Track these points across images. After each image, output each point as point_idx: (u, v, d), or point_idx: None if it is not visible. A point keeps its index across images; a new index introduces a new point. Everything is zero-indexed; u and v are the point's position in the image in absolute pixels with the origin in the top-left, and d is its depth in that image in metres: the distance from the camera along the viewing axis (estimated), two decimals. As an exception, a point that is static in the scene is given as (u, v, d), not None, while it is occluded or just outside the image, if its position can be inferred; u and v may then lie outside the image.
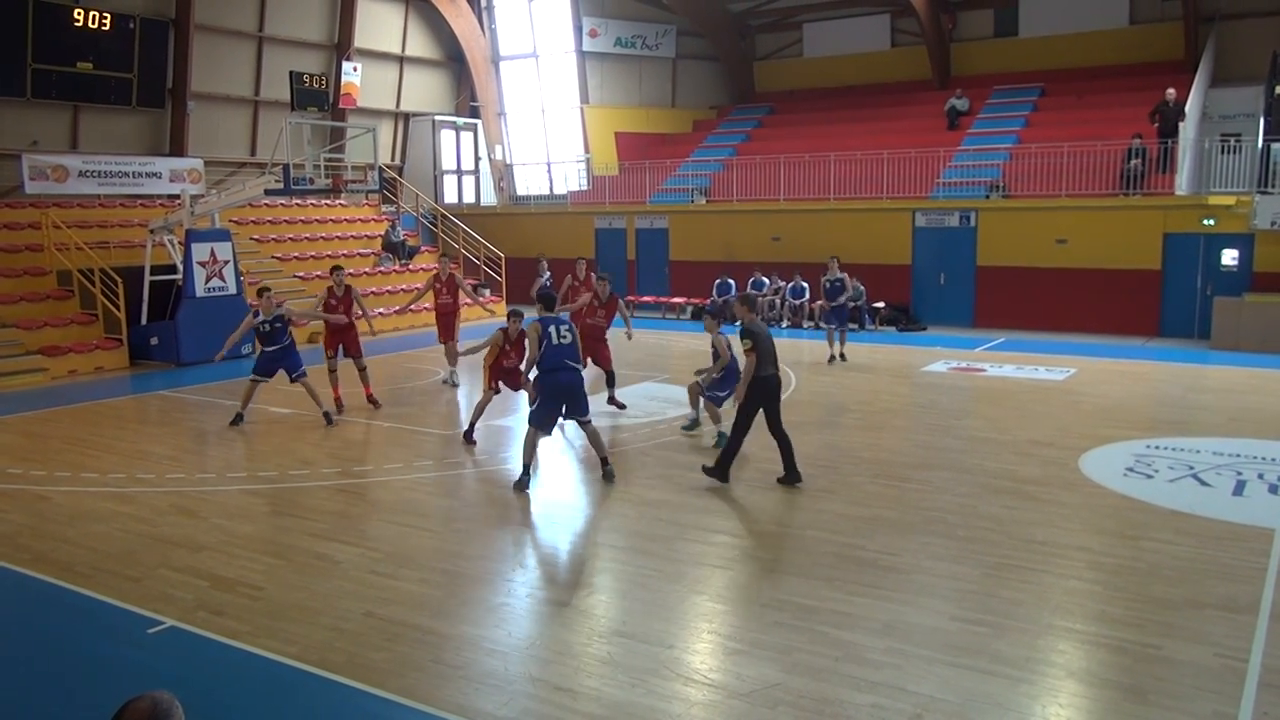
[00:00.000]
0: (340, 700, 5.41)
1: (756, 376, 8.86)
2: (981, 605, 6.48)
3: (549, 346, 9.20)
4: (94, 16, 20.79)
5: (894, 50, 27.57)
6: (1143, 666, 5.61)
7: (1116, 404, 13.17)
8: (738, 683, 5.45)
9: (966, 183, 21.91)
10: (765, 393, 9.01)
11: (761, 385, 8.95)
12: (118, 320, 17.48)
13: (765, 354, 8.89)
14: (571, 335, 9.35)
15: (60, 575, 7.28)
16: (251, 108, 24.96)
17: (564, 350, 9.25)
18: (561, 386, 9.23)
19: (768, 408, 9.10)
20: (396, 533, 8.19)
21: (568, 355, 9.26)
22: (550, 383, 9.24)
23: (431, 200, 28.18)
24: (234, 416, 12.30)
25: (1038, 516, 8.34)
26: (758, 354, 8.77)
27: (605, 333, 13.32)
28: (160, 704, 2.65)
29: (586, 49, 27.97)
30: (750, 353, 8.75)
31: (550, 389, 9.25)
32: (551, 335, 9.22)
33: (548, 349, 9.20)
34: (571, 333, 9.38)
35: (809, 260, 22.24)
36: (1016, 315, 20.73)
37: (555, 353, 9.21)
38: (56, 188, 20.09)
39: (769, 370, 8.96)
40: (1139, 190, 19.68)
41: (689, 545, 7.77)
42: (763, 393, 8.99)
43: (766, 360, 8.91)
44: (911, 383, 15.05)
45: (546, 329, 9.24)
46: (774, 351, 9.10)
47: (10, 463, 10.59)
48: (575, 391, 9.33)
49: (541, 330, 9.25)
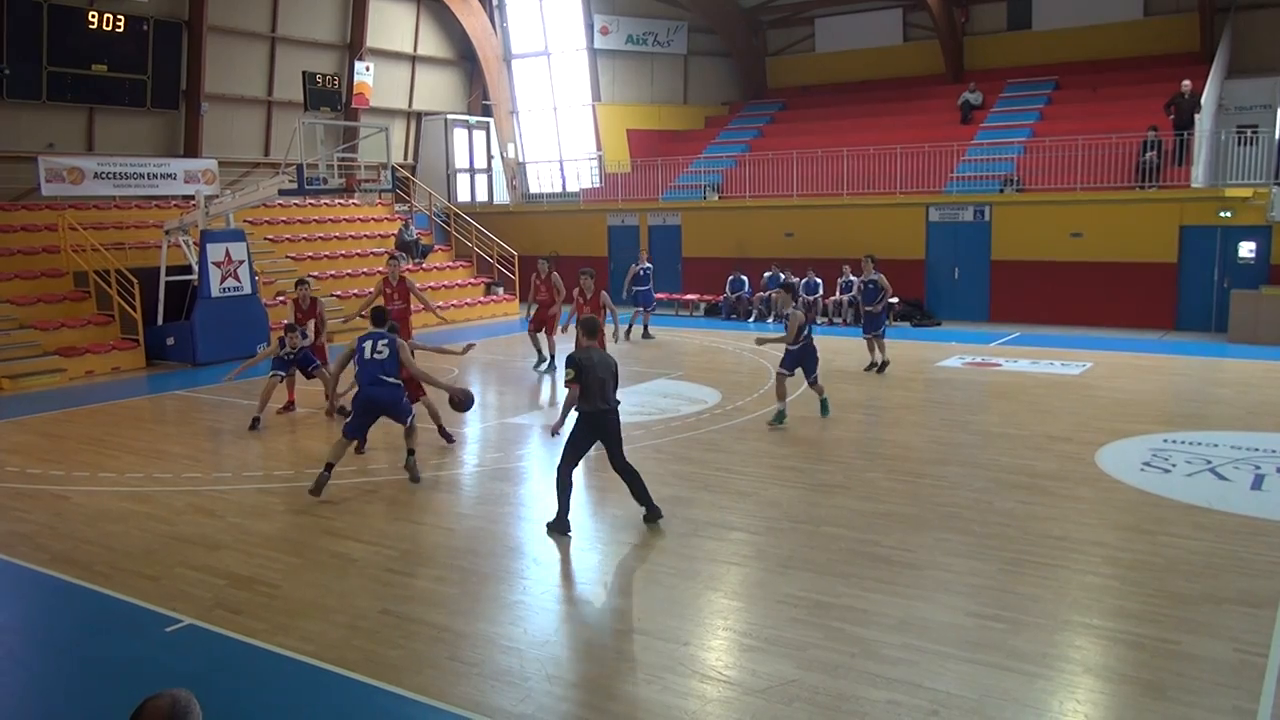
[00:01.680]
0: (357, 697, 5.43)
1: (582, 411, 7.94)
2: (998, 601, 6.45)
3: (361, 361, 9.36)
4: (108, 19, 20.93)
5: (907, 44, 27.45)
6: (1161, 662, 5.58)
7: (1133, 398, 13.09)
8: (753, 679, 5.44)
9: (980, 177, 21.81)
10: (593, 428, 8.01)
11: (587, 421, 7.97)
12: (134, 321, 17.59)
13: (591, 386, 7.85)
14: (388, 350, 9.42)
15: (79, 575, 7.33)
16: (265, 108, 25.08)
17: (377, 365, 9.37)
18: (374, 400, 9.39)
19: (606, 445, 8.10)
20: (412, 531, 8.22)
21: (381, 370, 9.37)
22: (363, 396, 9.39)
23: (444, 199, 28.24)
24: (251, 421, 12.19)
25: (1054, 512, 8.30)
26: (581, 386, 7.84)
27: None
28: (179, 702, 2.67)
29: (598, 46, 27.96)
30: (572, 384, 7.87)
31: (362, 402, 9.41)
32: (365, 350, 9.38)
33: (360, 363, 9.36)
34: (389, 348, 9.44)
35: (822, 256, 22.22)
36: (1031, 309, 20.64)
37: (369, 368, 9.35)
38: (73, 189, 20.22)
39: (597, 405, 7.90)
40: (1155, 183, 19.56)
41: (704, 542, 7.76)
42: (589, 428, 8.01)
43: (593, 394, 7.87)
44: (926, 378, 14.99)
45: (361, 344, 9.43)
46: (606, 385, 7.92)
47: (29, 463, 10.68)
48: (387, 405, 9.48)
49: (356, 345, 9.46)
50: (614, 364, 8.08)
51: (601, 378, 7.87)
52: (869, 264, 15.71)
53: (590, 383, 7.83)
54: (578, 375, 7.81)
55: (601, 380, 7.87)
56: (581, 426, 8.01)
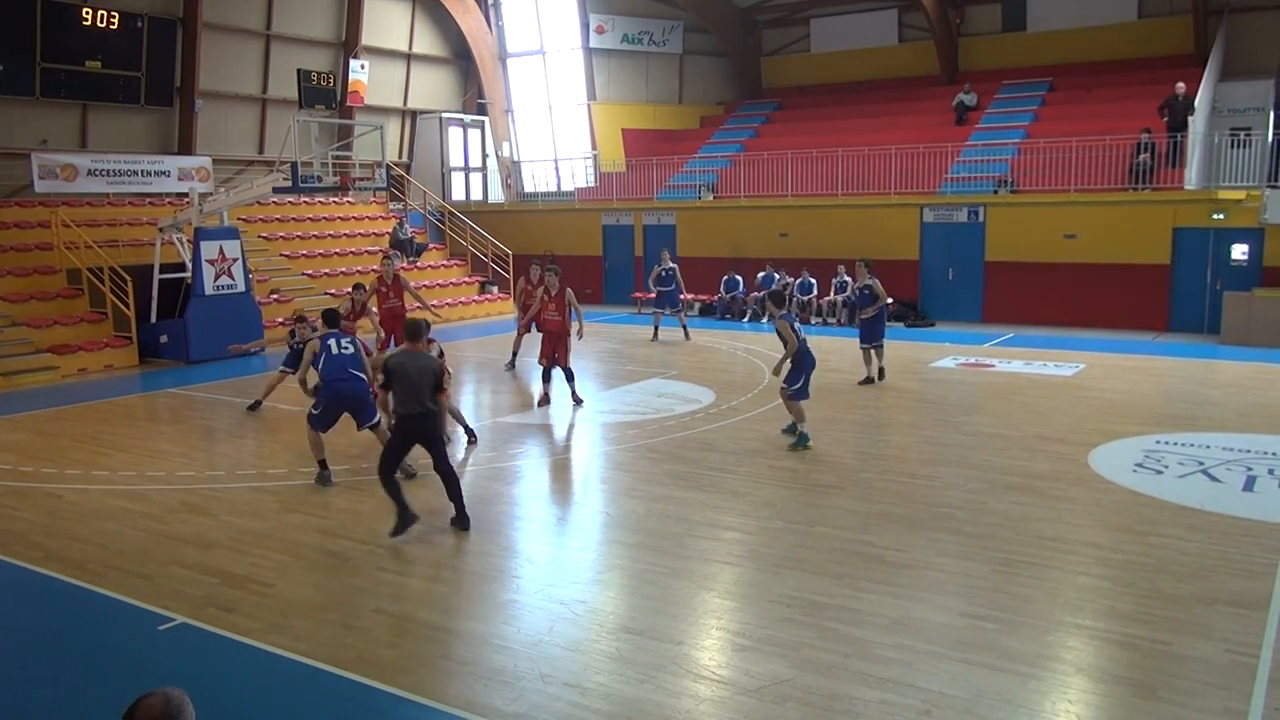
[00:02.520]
0: (350, 696, 5.43)
1: (399, 415, 7.95)
2: (991, 601, 6.47)
3: (329, 357, 9.42)
4: (102, 15, 20.86)
5: (902, 45, 27.48)
6: (1152, 662, 5.60)
7: (1126, 399, 13.13)
8: (746, 679, 5.45)
9: (975, 178, 21.85)
10: (410, 432, 7.97)
11: (403, 424, 7.94)
12: (127, 318, 17.54)
13: (405, 390, 7.82)
14: (352, 346, 9.57)
15: (72, 573, 7.32)
16: (259, 106, 25.03)
17: (346, 359, 9.45)
18: (341, 394, 9.43)
19: (426, 449, 8.09)
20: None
21: (350, 365, 9.46)
22: (330, 391, 9.43)
23: (439, 198, 28.21)
24: (253, 403, 12.56)
25: (1047, 512, 8.32)
26: (394, 391, 7.86)
27: (563, 328, 13.06)
28: (172, 700, 2.67)
29: (593, 45, 27.95)
30: (382, 389, 7.98)
31: (330, 396, 9.45)
32: (331, 347, 9.47)
33: (329, 360, 9.41)
34: (353, 344, 9.61)
35: (817, 256, 22.26)
36: (1025, 310, 20.68)
37: (337, 362, 9.41)
38: (66, 186, 20.18)
39: (412, 408, 7.86)
40: (1148, 185, 19.61)
41: (698, 542, 7.77)
42: (406, 432, 7.98)
43: (407, 398, 7.84)
44: (919, 379, 15.02)
45: (325, 343, 9.52)
46: (420, 388, 7.83)
47: (21, 461, 10.65)
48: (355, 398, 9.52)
49: (320, 346, 9.53)
50: (433, 367, 8.01)
51: (414, 381, 7.82)
52: (863, 269, 14.48)
53: (403, 387, 7.81)
54: (387, 380, 7.88)
55: (415, 384, 7.82)
56: (399, 430, 8.03)
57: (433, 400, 7.97)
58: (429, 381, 7.92)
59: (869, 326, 14.40)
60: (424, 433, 8.01)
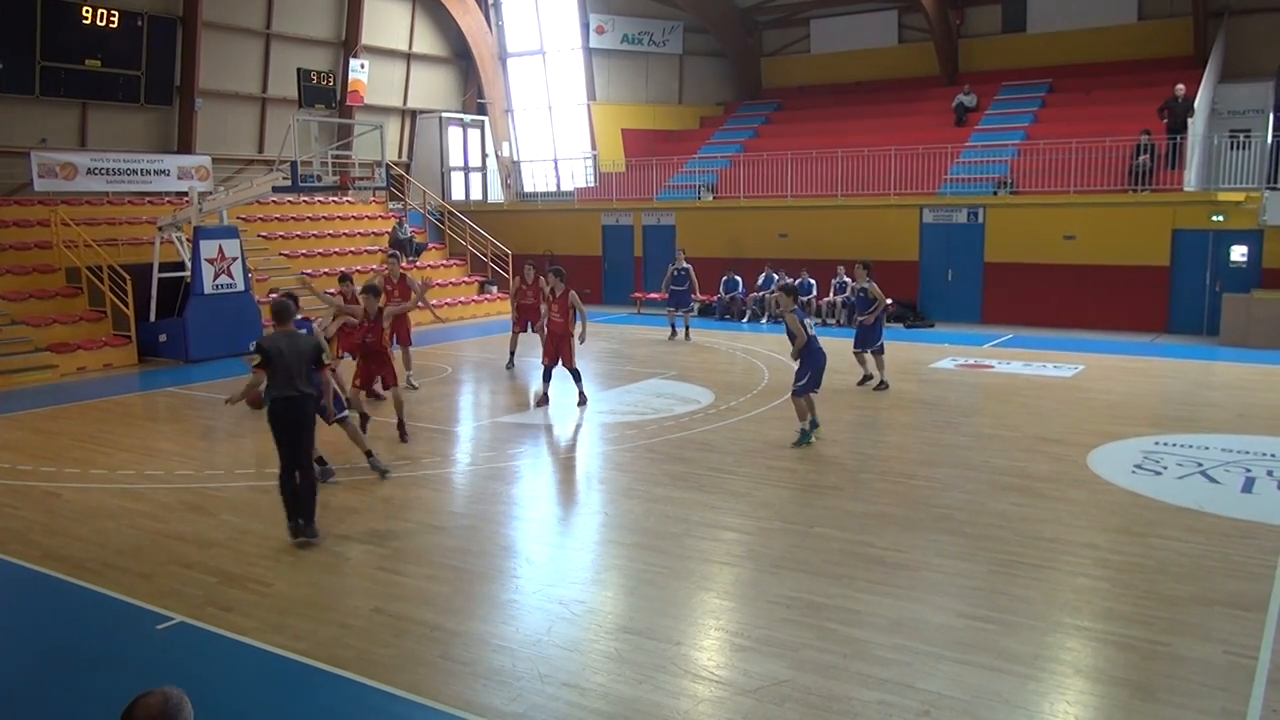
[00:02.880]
0: (348, 696, 5.42)
1: (272, 397, 7.85)
2: (989, 602, 6.47)
3: None
4: (102, 14, 20.85)
5: (902, 46, 27.49)
6: (1151, 664, 5.60)
7: (1125, 400, 13.14)
8: (745, 679, 5.45)
9: (974, 179, 21.85)
10: (283, 413, 7.81)
11: (276, 406, 7.81)
12: (126, 317, 17.53)
13: (281, 372, 7.75)
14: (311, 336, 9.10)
15: (70, 572, 7.31)
16: (259, 105, 25.02)
17: None
18: None
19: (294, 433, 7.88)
20: (404, 529, 8.21)
21: None
22: None
23: (439, 197, 28.20)
24: None
25: (1046, 514, 8.33)
26: (269, 372, 7.77)
27: (565, 329, 13.02)
28: (170, 699, 2.67)
29: (593, 46, 27.96)
30: (258, 369, 7.84)
31: None
32: None
33: None
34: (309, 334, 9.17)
35: (816, 257, 22.26)
36: (1024, 312, 20.69)
37: None
38: (65, 185, 20.17)
39: (285, 391, 7.76)
40: (1148, 186, 19.62)
41: (697, 542, 7.77)
42: (280, 414, 7.81)
43: (283, 380, 7.75)
44: (919, 380, 15.02)
45: None
46: (294, 371, 7.75)
47: (20, 459, 10.64)
48: None
49: None
50: (308, 349, 7.93)
51: (289, 363, 7.76)
52: (861, 271, 14.03)
53: (277, 369, 7.76)
54: (264, 361, 7.79)
55: (290, 366, 7.76)
56: (274, 413, 7.88)
57: (309, 383, 7.87)
58: (306, 361, 7.85)
59: (865, 331, 14.01)
60: (296, 417, 7.85)
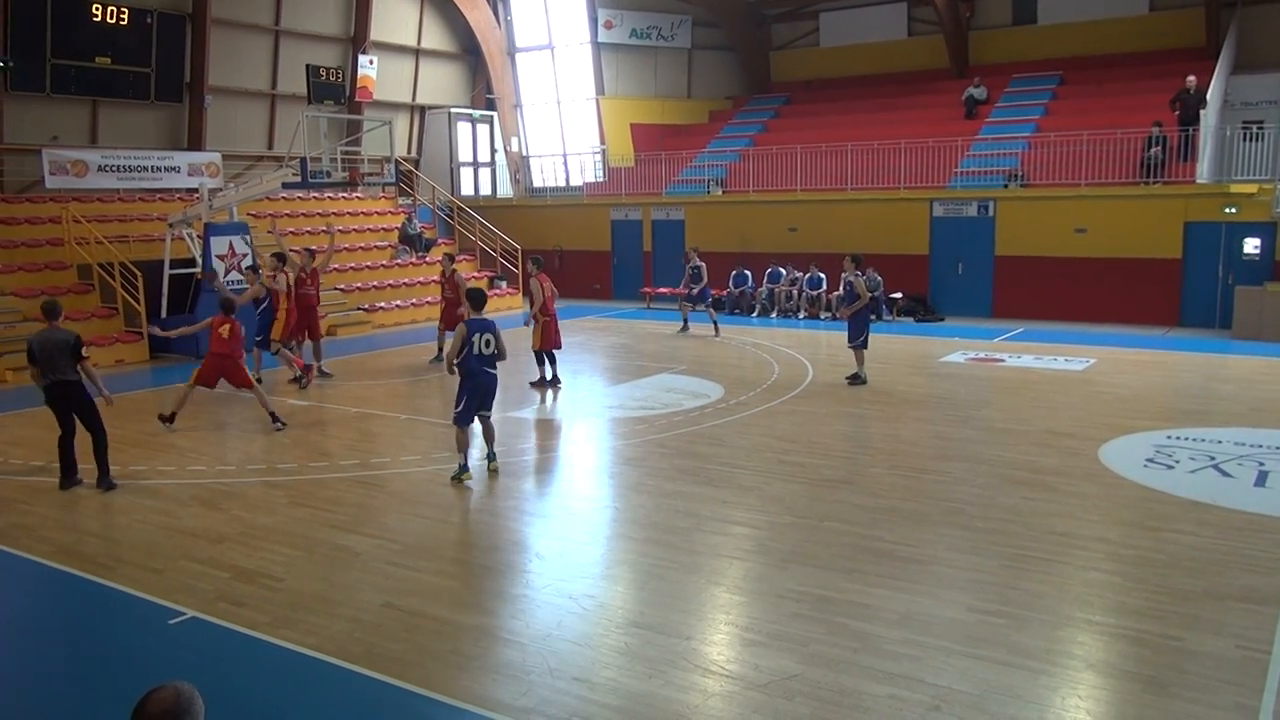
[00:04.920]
0: (359, 690, 5.44)
1: (44, 386, 9.19)
2: (1000, 596, 6.45)
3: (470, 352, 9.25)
4: (112, 11, 20.93)
5: (911, 39, 27.38)
6: (1163, 658, 5.58)
7: (1136, 394, 13.08)
8: (755, 674, 5.45)
9: (985, 172, 21.78)
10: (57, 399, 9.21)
11: (48, 394, 9.20)
12: (138, 313, 17.60)
13: (46, 363, 9.07)
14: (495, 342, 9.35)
15: (83, 567, 7.35)
16: (269, 101, 25.07)
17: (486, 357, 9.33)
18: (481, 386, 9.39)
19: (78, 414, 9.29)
20: (415, 524, 8.22)
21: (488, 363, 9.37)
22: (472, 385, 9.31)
23: (448, 193, 28.23)
24: None
25: (1057, 508, 8.30)
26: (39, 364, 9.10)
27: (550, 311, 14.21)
28: (183, 694, 2.68)
29: (602, 40, 27.92)
30: (31, 364, 9.21)
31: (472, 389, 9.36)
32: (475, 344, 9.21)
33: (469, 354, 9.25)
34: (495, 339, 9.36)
35: (826, 251, 22.18)
36: (1035, 305, 20.62)
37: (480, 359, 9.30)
38: (76, 182, 20.26)
39: (54, 377, 9.10)
40: (1160, 179, 19.51)
41: (706, 537, 7.77)
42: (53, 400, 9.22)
43: (50, 368, 9.09)
44: (929, 373, 14.98)
45: (472, 335, 9.21)
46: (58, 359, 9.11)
47: (33, 455, 10.69)
48: None
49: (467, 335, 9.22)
50: (67, 340, 9.11)
51: (50, 354, 9.04)
52: (849, 264, 13.83)
53: (44, 360, 9.04)
54: (30, 357, 9.10)
55: (52, 357, 9.04)
56: (48, 398, 9.21)
57: (72, 370, 9.13)
58: (65, 352, 9.06)
59: (850, 325, 13.92)
60: (67, 398, 9.19)
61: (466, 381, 9.30)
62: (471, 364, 9.26)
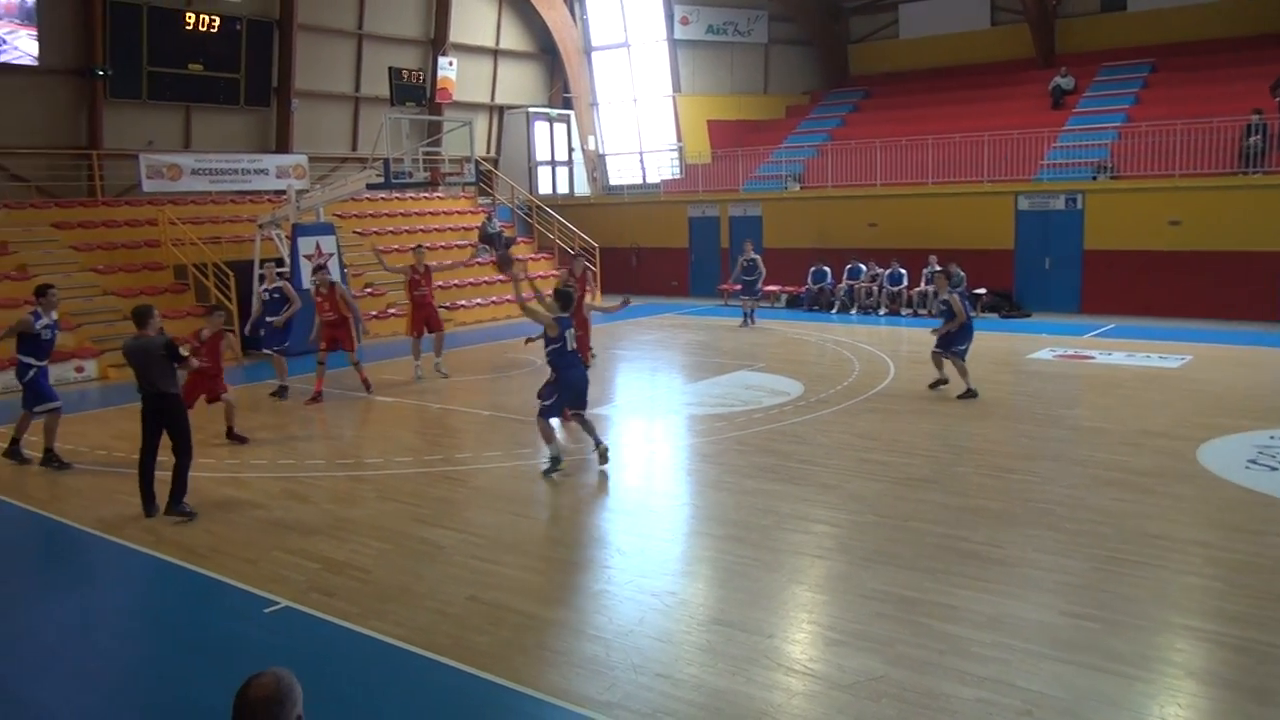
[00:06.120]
0: (445, 681, 5.53)
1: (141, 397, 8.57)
2: (1092, 600, 6.28)
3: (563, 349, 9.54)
4: (204, 19, 21.65)
5: (994, 29, 26.78)
6: (1267, 667, 5.36)
7: (1237, 392, 12.58)
8: (839, 674, 5.40)
9: (1072, 164, 21.17)
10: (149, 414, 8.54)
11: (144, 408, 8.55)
12: (230, 313, 18.12)
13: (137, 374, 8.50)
14: None
15: (182, 556, 7.62)
16: (352, 104, 25.64)
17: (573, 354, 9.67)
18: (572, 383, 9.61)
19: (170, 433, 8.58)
20: (498, 519, 8.33)
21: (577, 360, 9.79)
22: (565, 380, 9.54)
23: (526, 192, 28.51)
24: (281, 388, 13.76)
25: (1151, 509, 8.04)
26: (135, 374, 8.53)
27: None
28: (282, 680, 2.76)
29: (678, 37, 27.90)
30: None
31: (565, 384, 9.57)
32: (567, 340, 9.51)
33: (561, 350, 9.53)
34: None
35: (907, 246, 21.84)
36: (1127, 300, 19.98)
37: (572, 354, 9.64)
38: (171, 185, 21.00)
39: (146, 390, 8.48)
40: (1259, 168, 18.74)
41: (788, 535, 7.72)
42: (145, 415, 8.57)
43: (141, 381, 8.51)
44: (1015, 371, 14.64)
45: (564, 331, 9.52)
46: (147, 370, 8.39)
47: (134, 449, 11.04)
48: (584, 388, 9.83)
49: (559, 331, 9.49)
50: (155, 349, 8.36)
51: (142, 363, 8.38)
52: (942, 280, 13.65)
53: (134, 369, 8.46)
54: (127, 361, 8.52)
55: (143, 365, 8.38)
56: (142, 409, 8.55)
57: (166, 381, 8.42)
58: (158, 361, 8.35)
59: (944, 337, 12.93)
60: (161, 412, 8.49)
61: (561, 375, 9.48)
62: (566, 359, 9.45)
